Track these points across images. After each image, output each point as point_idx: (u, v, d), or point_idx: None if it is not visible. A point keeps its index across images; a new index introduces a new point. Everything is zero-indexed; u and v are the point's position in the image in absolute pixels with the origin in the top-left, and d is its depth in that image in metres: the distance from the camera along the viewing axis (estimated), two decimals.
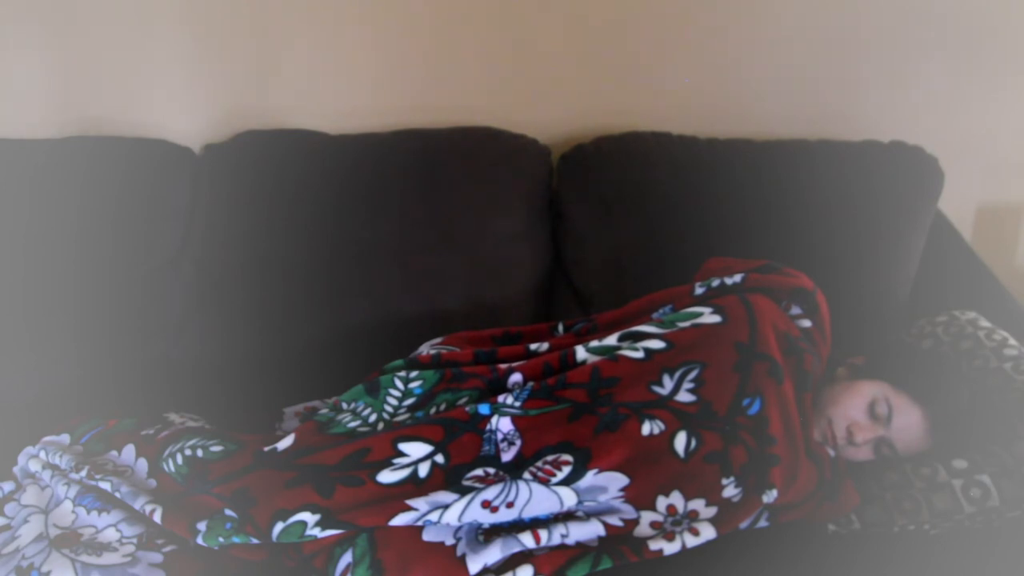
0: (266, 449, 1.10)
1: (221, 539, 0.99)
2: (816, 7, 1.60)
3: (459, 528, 1.00)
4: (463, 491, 1.01)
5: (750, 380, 1.10)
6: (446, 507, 0.99)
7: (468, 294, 1.49)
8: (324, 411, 1.18)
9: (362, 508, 1.00)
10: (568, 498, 1.01)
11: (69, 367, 1.40)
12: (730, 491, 1.03)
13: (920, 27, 1.62)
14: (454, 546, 0.98)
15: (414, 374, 1.17)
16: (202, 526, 1.00)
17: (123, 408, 1.25)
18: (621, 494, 1.02)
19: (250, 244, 1.49)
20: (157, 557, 1.00)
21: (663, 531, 1.00)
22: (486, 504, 0.99)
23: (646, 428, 1.05)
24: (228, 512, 1.01)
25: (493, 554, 0.96)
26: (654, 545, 0.98)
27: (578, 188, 1.57)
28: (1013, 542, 1.06)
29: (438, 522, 0.99)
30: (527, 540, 0.97)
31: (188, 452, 1.10)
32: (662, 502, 1.02)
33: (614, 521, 1.01)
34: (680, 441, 1.05)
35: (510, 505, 1.00)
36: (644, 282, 1.38)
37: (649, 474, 1.03)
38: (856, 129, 1.62)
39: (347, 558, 0.98)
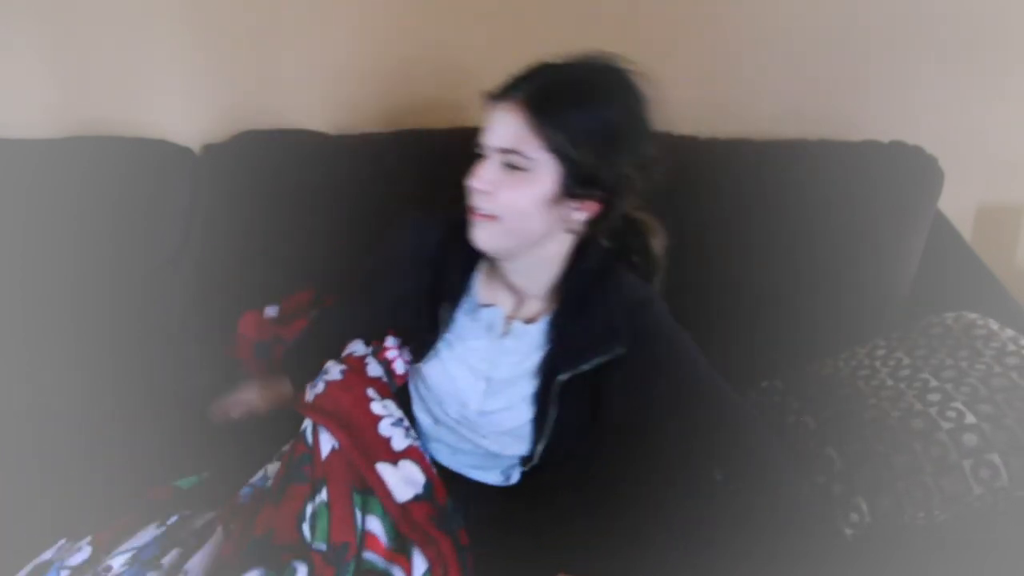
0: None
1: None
2: (816, 7, 1.60)
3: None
4: None
5: None
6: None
7: None
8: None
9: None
10: None
11: (69, 368, 1.40)
12: None
13: (920, 27, 1.62)
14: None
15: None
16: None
17: (123, 409, 1.24)
18: None
19: (250, 244, 1.49)
20: None
21: None
22: None
23: None
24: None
25: None
26: None
27: None
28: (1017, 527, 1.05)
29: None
30: None
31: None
32: None
33: None
34: None
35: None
36: None
37: None
38: (856, 129, 1.62)
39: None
